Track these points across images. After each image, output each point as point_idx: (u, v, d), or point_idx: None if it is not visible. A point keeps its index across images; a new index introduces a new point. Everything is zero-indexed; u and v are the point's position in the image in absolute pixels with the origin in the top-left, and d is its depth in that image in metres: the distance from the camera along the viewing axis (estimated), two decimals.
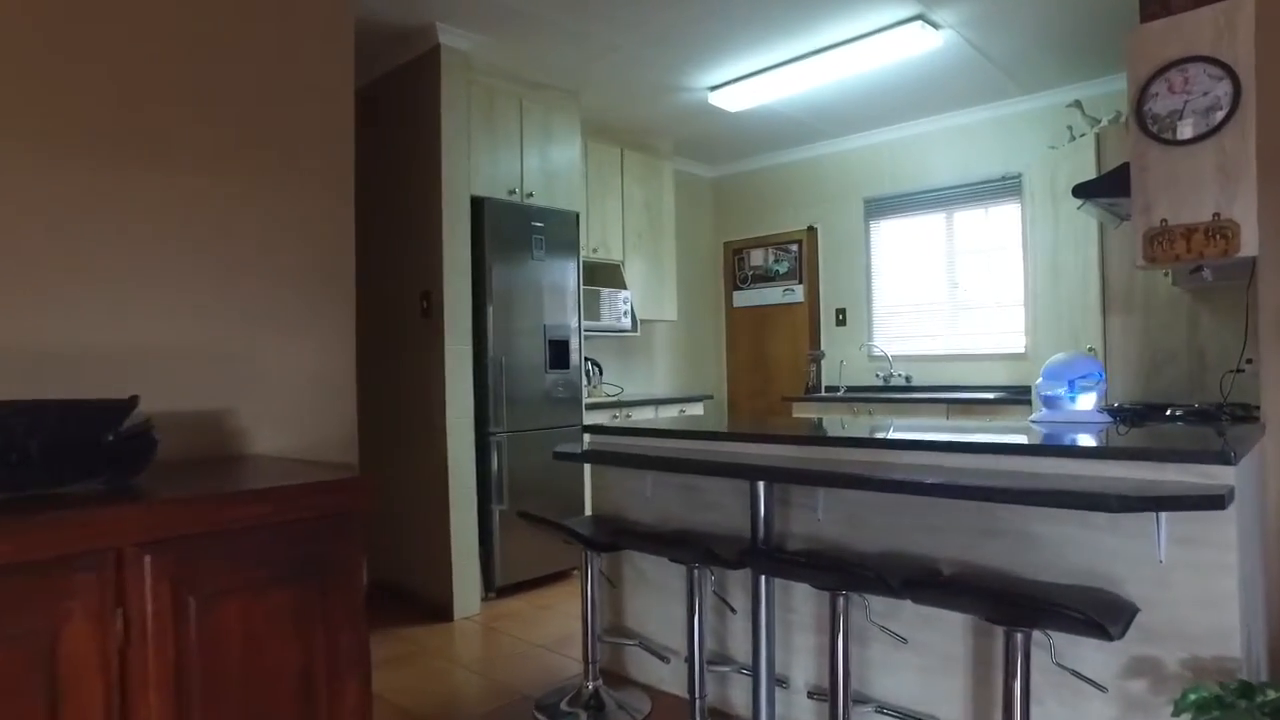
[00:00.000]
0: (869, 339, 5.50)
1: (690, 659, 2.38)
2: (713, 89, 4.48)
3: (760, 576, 2.24)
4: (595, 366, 5.21)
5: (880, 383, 5.40)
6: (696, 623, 2.35)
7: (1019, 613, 1.61)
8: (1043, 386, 2.49)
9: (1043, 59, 4.15)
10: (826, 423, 3.16)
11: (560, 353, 4.25)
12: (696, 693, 2.36)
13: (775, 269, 6.04)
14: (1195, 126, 2.29)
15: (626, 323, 5.02)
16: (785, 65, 4.12)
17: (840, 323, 5.65)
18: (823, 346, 5.72)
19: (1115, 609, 1.61)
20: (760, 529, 2.27)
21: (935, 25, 3.70)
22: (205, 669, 1.31)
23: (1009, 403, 4.32)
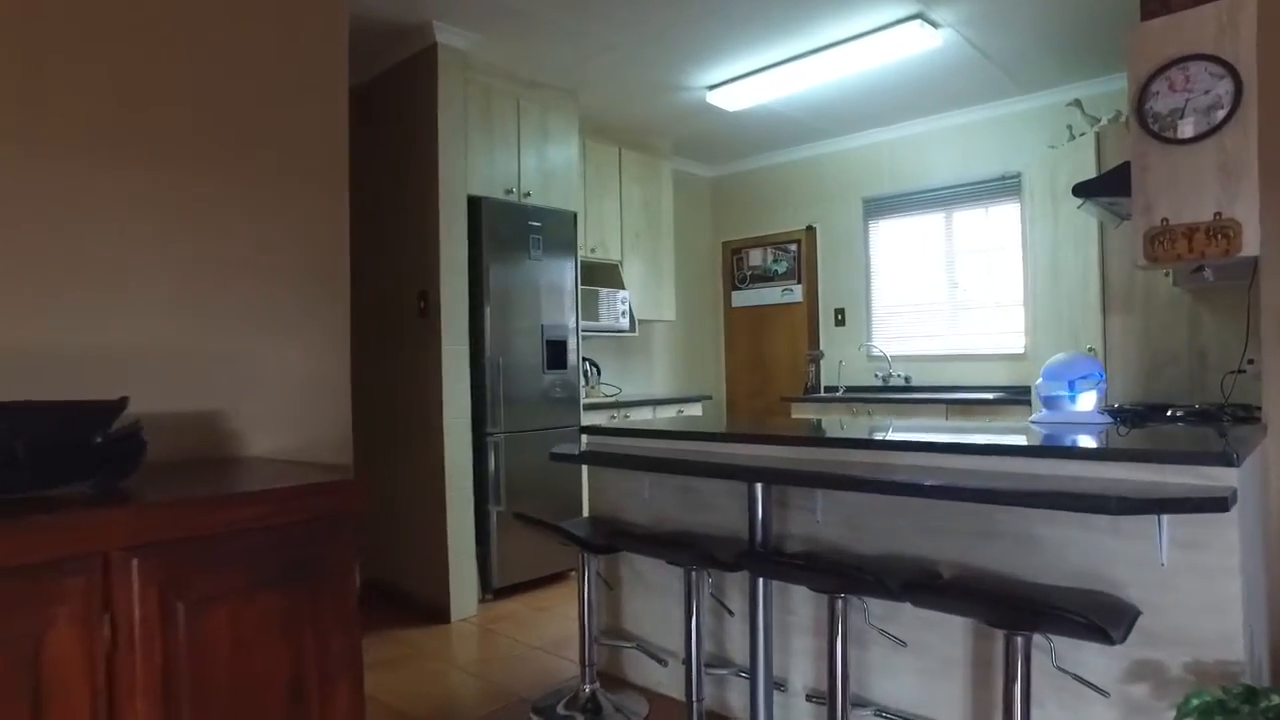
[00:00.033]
0: (868, 339, 5.48)
1: (688, 662, 2.36)
2: (711, 88, 4.46)
3: (758, 579, 2.22)
4: (593, 367, 5.19)
5: (879, 383, 5.38)
6: (694, 625, 2.34)
7: (1019, 616, 1.59)
8: (1043, 387, 2.47)
9: (1042, 58, 4.13)
10: (825, 423, 3.14)
11: (558, 353, 4.23)
12: (694, 696, 2.34)
13: (774, 269, 6.02)
14: (1196, 125, 2.27)
15: (624, 323, 5.00)
16: (784, 64, 4.10)
17: (839, 323, 5.63)
18: (822, 347, 5.70)
19: (1117, 612, 1.59)
20: (758, 531, 2.25)
21: (934, 24, 3.68)
22: (194, 674, 1.28)
23: (1008, 403, 4.30)
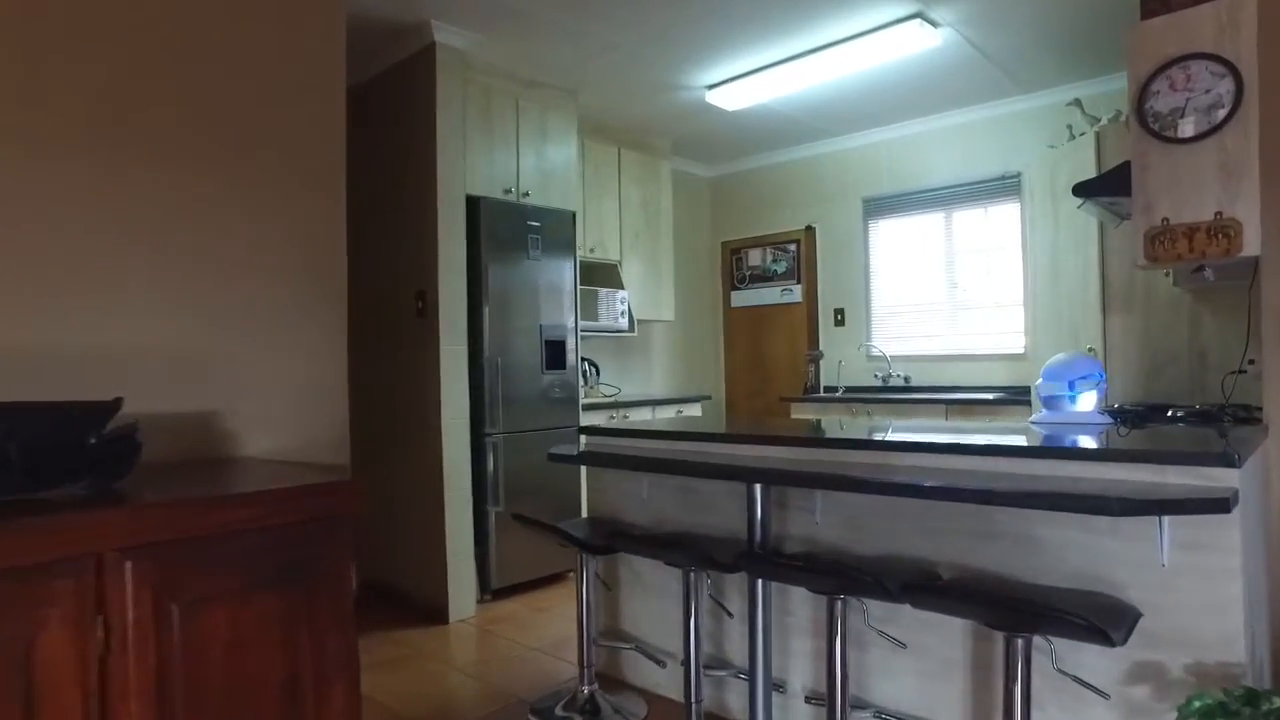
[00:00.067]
0: (867, 339, 5.47)
1: (687, 663, 2.35)
2: (710, 88, 4.45)
3: (757, 580, 2.21)
4: (592, 367, 5.18)
5: (879, 383, 5.38)
6: (693, 626, 2.33)
7: (1019, 618, 1.58)
8: (1043, 387, 2.46)
9: (1042, 57, 4.12)
10: (824, 424, 3.13)
11: (557, 353, 4.22)
12: (693, 697, 2.33)
13: (773, 269, 6.01)
14: (1197, 124, 2.26)
15: (624, 323, 4.99)
16: (783, 64, 4.09)
17: (839, 323, 5.62)
18: (821, 347, 5.69)
19: (1117, 614, 1.59)
20: (757, 532, 2.24)
21: (934, 23, 3.67)
22: (188, 677, 1.27)
23: (1008, 403, 4.29)
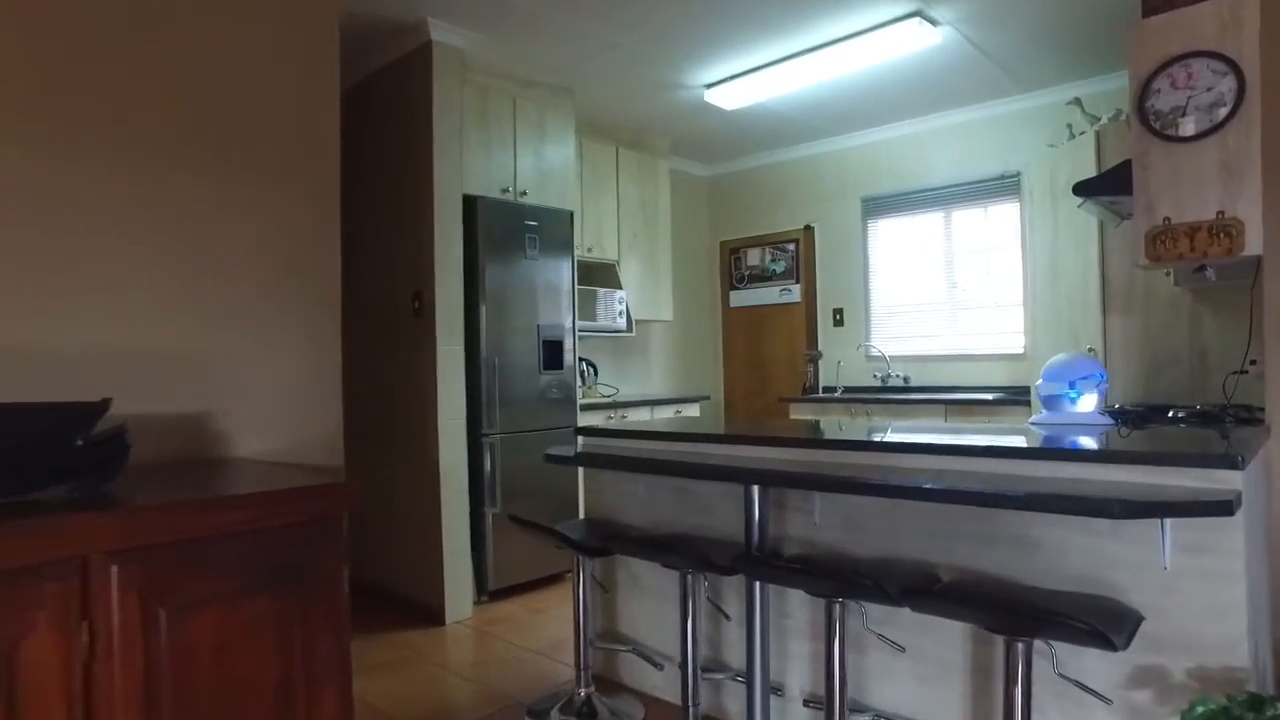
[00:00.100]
0: (866, 339, 5.45)
1: (684, 666, 2.33)
2: (709, 87, 4.43)
3: (754, 583, 2.19)
4: (590, 367, 5.16)
5: (878, 383, 5.36)
6: (690, 629, 2.31)
7: (1020, 622, 1.56)
8: (1043, 388, 2.44)
9: (1042, 56, 4.11)
10: (823, 424, 3.11)
11: (554, 353, 4.20)
12: (690, 700, 2.31)
13: (772, 269, 5.99)
14: (1198, 123, 2.24)
15: (622, 323, 4.97)
16: (781, 62, 4.07)
17: (838, 323, 5.60)
18: (820, 347, 5.67)
19: (1119, 618, 1.57)
20: (754, 534, 2.22)
21: (933, 22, 3.65)
22: (176, 682, 1.25)
23: (1008, 403, 4.27)
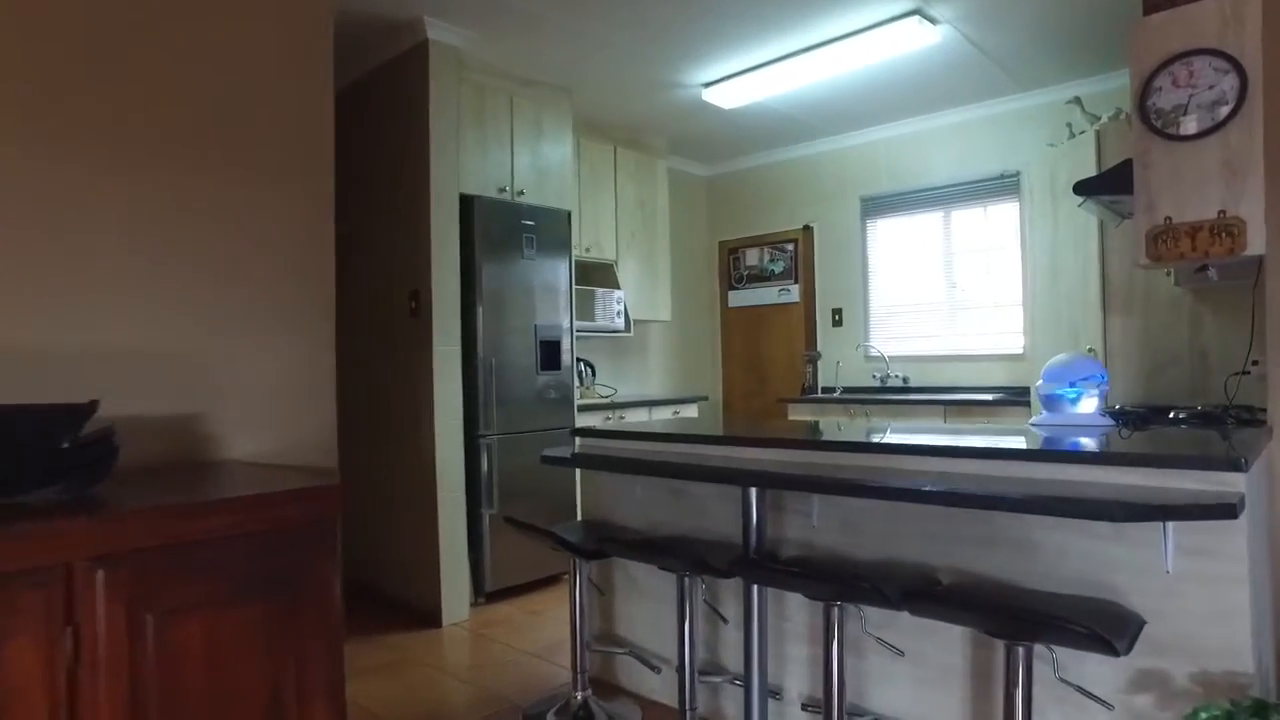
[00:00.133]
0: (865, 339, 5.43)
1: (681, 669, 2.31)
2: (706, 86, 4.41)
3: (752, 586, 2.17)
4: (588, 367, 5.13)
5: (877, 384, 5.34)
6: (687, 632, 2.28)
7: (1021, 626, 1.54)
8: (1043, 389, 2.42)
9: (1041, 55, 4.08)
10: (822, 425, 3.09)
11: (552, 353, 4.18)
12: (688, 704, 2.29)
13: (771, 269, 5.97)
14: (1200, 121, 2.22)
15: (620, 323, 4.95)
16: (780, 61, 4.05)
17: (836, 323, 5.58)
18: (819, 347, 5.65)
19: (1121, 622, 1.55)
20: (752, 536, 2.20)
21: (933, 20, 3.63)
22: (163, 690, 1.23)
23: (1007, 404, 4.26)
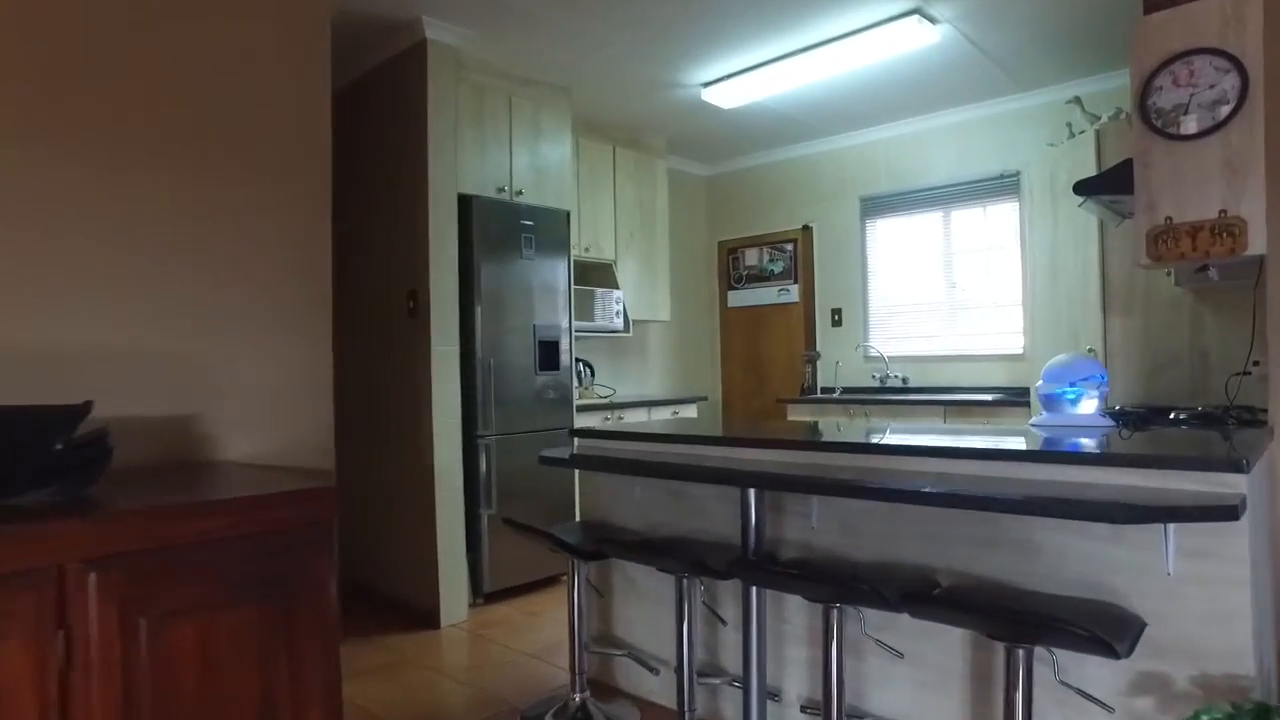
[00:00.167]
0: (865, 339, 5.43)
1: (680, 671, 2.30)
2: (705, 85, 4.40)
3: (751, 588, 2.16)
4: (587, 368, 5.12)
5: (876, 384, 5.33)
6: (686, 633, 2.27)
7: (1021, 629, 1.53)
8: (1043, 389, 2.41)
9: (1041, 55, 4.08)
10: (821, 425, 3.08)
11: (550, 354, 4.17)
12: (686, 706, 2.28)
13: (770, 269, 5.96)
14: (1200, 121, 2.21)
15: (619, 323, 4.94)
16: (779, 61, 4.04)
17: (836, 323, 5.57)
18: (818, 347, 5.64)
19: (1122, 624, 1.53)
20: (751, 538, 2.19)
21: (932, 20, 3.62)
22: (156, 694, 1.22)
23: (1007, 404, 4.25)
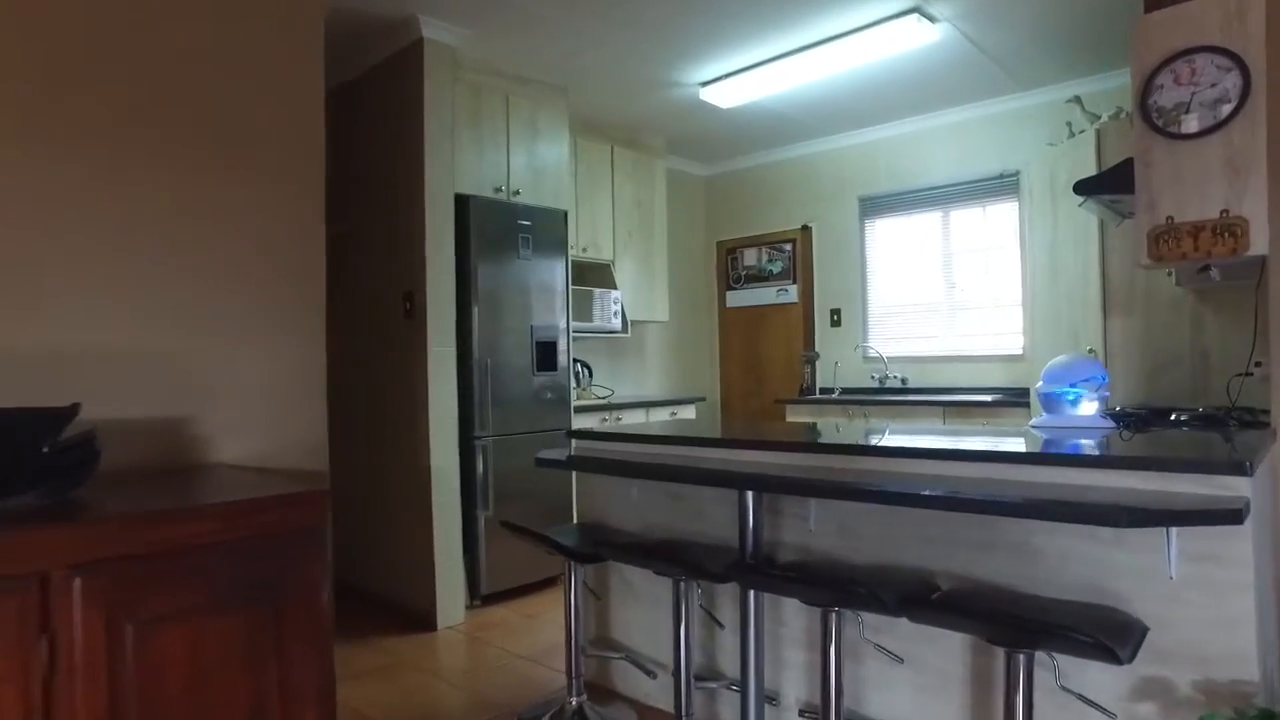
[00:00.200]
0: (864, 340, 5.41)
1: (677, 674, 2.28)
2: (704, 85, 4.38)
3: (749, 591, 2.14)
4: (585, 368, 5.10)
5: (876, 384, 5.31)
6: (683, 637, 2.26)
7: (1021, 634, 1.51)
8: (1043, 390, 2.39)
9: (1041, 54, 4.06)
10: (820, 426, 3.06)
11: (548, 354, 4.15)
12: (684, 709, 2.26)
13: (769, 269, 5.94)
14: (1202, 120, 2.19)
15: (617, 323, 4.92)
16: (777, 60, 4.02)
17: (835, 323, 5.55)
18: (817, 347, 5.62)
19: (1124, 629, 1.52)
20: (748, 541, 2.17)
21: (931, 19, 3.61)
22: (143, 700, 1.20)
23: (1007, 405, 4.23)
